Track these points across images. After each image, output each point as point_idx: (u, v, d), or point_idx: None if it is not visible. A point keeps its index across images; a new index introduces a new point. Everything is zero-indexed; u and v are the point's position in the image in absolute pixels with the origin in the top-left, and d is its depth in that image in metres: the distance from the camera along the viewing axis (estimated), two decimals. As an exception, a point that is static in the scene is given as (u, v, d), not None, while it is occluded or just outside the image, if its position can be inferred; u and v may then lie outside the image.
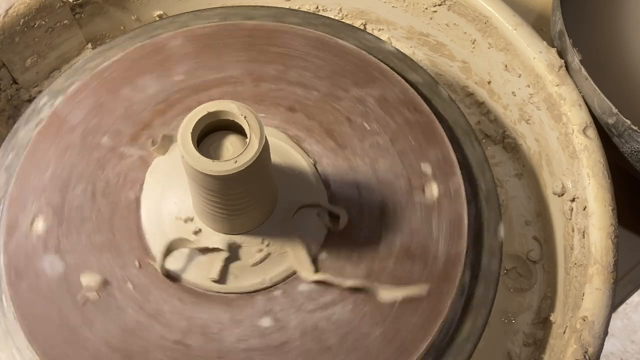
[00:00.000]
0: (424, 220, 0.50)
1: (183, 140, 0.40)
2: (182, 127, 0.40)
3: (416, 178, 0.51)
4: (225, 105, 0.41)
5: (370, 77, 0.55)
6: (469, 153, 0.56)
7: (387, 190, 0.50)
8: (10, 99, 0.63)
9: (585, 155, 0.54)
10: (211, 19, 0.59)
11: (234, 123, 0.41)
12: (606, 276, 0.50)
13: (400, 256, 0.48)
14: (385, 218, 0.49)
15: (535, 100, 0.60)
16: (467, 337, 0.49)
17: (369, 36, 0.60)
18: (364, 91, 0.54)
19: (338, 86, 0.54)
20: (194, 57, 0.55)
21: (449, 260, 0.48)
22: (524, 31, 0.60)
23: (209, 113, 0.41)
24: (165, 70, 0.54)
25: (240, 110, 0.41)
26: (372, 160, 0.51)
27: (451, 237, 0.49)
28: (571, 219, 0.56)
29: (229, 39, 0.56)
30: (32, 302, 0.46)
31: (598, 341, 0.48)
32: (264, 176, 0.44)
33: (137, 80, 0.54)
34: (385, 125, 0.53)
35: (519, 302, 0.57)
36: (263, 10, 0.60)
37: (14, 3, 0.59)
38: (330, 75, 0.55)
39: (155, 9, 0.67)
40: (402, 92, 0.54)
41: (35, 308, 0.46)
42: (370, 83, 0.55)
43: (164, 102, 0.53)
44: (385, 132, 0.53)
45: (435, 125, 0.53)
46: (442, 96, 0.57)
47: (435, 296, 0.47)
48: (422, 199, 0.50)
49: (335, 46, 0.56)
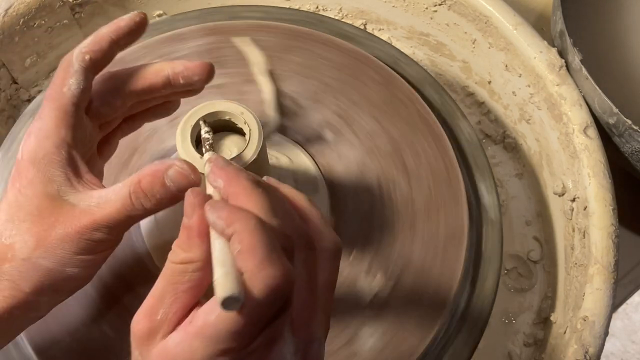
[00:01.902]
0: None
1: (182, 140, 0.40)
2: (180, 127, 0.40)
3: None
4: (223, 105, 0.41)
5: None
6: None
7: (387, 193, 0.50)
8: (10, 99, 0.63)
9: (586, 155, 0.54)
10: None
11: (233, 123, 0.41)
12: (607, 276, 0.50)
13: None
14: (386, 219, 0.49)
15: (536, 100, 0.60)
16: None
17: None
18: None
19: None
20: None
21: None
22: (525, 31, 0.60)
23: (208, 114, 0.41)
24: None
25: (239, 110, 0.41)
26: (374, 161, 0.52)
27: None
28: (572, 218, 0.56)
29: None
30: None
31: (598, 341, 0.48)
32: (261, 175, 0.44)
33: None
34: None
35: (519, 302, 0.57)
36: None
37: (14, 3, 0.59)
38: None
39: (155, 8, 0.67)
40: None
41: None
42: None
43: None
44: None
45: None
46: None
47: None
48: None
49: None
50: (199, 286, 0.32)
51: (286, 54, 0.55)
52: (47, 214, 0.35)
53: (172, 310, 0.31)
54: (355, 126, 0.53)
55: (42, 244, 0.35)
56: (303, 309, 0.32)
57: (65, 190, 0.36)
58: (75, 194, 0.36)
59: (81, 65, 0.38)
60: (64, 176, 0.36)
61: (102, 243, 0.36)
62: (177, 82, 0.40)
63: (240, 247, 0.29)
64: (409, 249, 0.48)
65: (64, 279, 0.36)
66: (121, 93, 0.40)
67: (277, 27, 0.57)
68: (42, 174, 0.36)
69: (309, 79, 0.54)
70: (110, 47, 0.39)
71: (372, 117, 0.53)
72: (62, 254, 0.35)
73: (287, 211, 0.33)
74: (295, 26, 0.57)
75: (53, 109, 0.37)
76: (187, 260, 0.31)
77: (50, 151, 0.36)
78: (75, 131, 0.37)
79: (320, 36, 0.57)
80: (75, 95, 0.37)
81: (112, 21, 0.40)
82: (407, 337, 0.46)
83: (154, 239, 0.47)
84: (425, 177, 0.51)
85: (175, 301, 0.31)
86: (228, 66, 0.54)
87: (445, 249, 0.49)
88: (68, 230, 0.35)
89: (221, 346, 0.30)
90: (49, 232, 0.35)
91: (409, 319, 0.46)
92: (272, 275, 0.29)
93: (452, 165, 0.52)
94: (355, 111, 0.53)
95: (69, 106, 0.37)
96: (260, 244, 0.29)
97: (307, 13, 0.61)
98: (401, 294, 0.47)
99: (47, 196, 0.35)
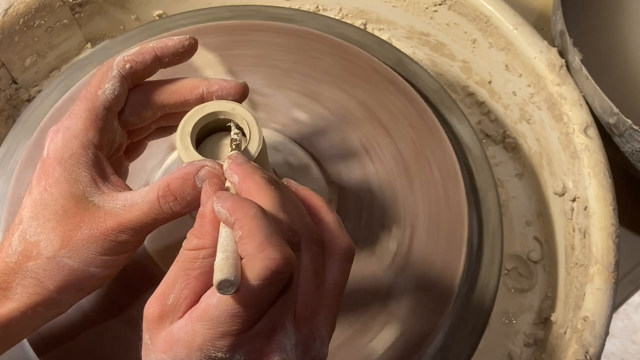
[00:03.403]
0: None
1: (182, 140, 0.40)
2: (181, 127, 0.40)
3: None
4: (223, 105, 0.41)
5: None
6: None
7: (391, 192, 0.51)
8: (10, 99, 0.63)
9: (586, 155, 0.54)
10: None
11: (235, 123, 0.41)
12: (607, 276, 0.50)
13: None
14: (386, 221, 0.49)
15: (536, 100, 0.60)
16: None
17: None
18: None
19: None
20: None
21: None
22: (525, 31, 0.59)
23: (208, 114, 0.40)
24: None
25: (239, 111, 0.41)
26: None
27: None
28: (572, 218, 0.56)
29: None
30: None
31: (599, 341, 0.48)
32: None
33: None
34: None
35: (519, 302, 0.57)
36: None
37: (14, 2, 0.59)
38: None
39: (155, 8, 0.67)
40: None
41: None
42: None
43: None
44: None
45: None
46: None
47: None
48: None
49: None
50: (210, 272, 0.32)
51: (237, 50, 0.56)
52: (72, 214, 0.36)
53: (182, 296, 0.32)
54: (324, 100, 0.54)
55: (67, 244, 0.36)
56: (307, 303, 0.33)
57: (90, 191, 0.36)
58: (101, 196, 0.36)
59: (120, 72, 0.39)
60: (90, 177, 0.37)
61: (127, 244, 0.37)
62: (210, 99, 0.40)
63: (240, 232, 0.30)
64: (412, 198, 0.50)
65: (87, 278, 0.37)
66: (152, 105, 0.40)
67: (220, 27, 0.57)
68: (69, 173, 0.36)
69: (265, 67, 0.55)
70: (152, 62, 0.40)
71: (337, 88, 0.54)
72: (87, 254, 0.36)
73: (298, 209, 0.34)
74: (238, 21, 0.58)
75: (85, 109, 0.38)
76: (199, 246, 0.32)
77: (78, 152, 0.37)
78: (103, 134, 0.38)
79: (263, 25, 0.57)
80: (109, 100, 0.38)
81: (162, 38, 0.40)
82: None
83: (155, 243, 0.47)
84: (404, 129, 0.53)
85: (186, 287, 0.32)
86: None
87: (446, 189, 0.51)
88: (93, 232, 0.36)
89: (221, 329, 0.30)
90: (75, 232, 0.36)
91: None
92: (270, 257, 0.30)
93: (426, 113, 0.54)
94: (318, 86, 0.54)
95: (101, 109, 0.38)
96: (259, 229, 0.30)
97: (243, 7, 0.61)
98: (419, 244, 0.49)
99: (73, 196, 0.36)
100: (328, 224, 0.35)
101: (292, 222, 0.32)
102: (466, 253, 0.49)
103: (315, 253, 0.33)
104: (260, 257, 0.30)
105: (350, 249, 0.35)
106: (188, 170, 0.36)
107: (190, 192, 0.36)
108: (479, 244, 0.52)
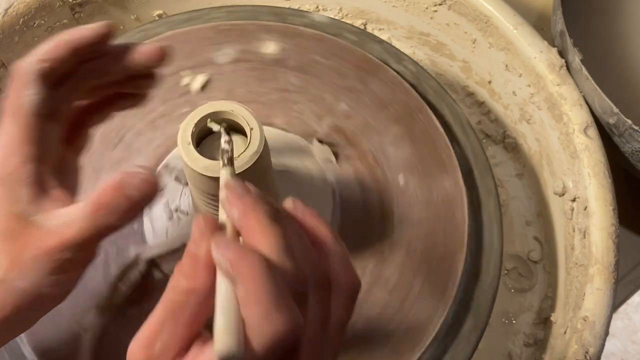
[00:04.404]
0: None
1: (182, 141, 0.40)
2: (182, 128, 0.40)
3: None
4: (224, 106, 0.41)
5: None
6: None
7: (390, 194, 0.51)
8: (10, 99, 0.63)
9: (586, 155, 0.54)
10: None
11: (235, 124, 0.41)
12: (607, 276, 0.50)
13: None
14: (383, 222, 0.49)
15: (536, 100, 0.60)
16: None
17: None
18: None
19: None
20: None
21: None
22: (525, 31, 0.59)
23: (208, 114, 0.40)
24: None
25: (240, 111, 0.40)
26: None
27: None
28: (572, 218, 0.56)
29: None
30: None
31: (599, 341, 0.48)
32: (265, 179, 0.44)
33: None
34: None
35: (519, 302, 0.57)
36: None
37: (14, 2, 0.59)
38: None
39: (155, 8, 0.67)
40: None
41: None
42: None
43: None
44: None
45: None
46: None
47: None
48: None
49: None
50: (201, 317, 0.30)
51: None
52: (17, 235, 0.34)
53: (171, 344, 0.30)
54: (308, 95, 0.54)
55: (16, 266, 0.33)
56: (311, 352, 0.31)
57: (31, 210, 0.34)
58: (42, 214, 0.34)
59: (38, 74, 0.35)
60: (30, 195, 0.34)
61: (74, 261, 0.34)
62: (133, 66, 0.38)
63: (245, 294, 0.28)
64: (411, 198, 0.51)
65: (40, 298, 0.34)
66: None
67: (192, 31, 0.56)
68: (10, 192, 0.34)
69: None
70: (70, 56, 0.36)
71: (299, 77, 0.55)
72: (36, 275, 0.34)
73: (304, 247, 0.32)
74: (211, 24, 0.57)
75: (13, 123, 0.35)
76: (190, 289, 0.30)
77: (16, 169, 0.34)
78: (40, 144, 0.35)
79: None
80: (35, 106, 0.35)
81: (74, 28, 0.37)
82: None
83: (153, 249, 0.47)
84: (404, 129, 0.53)
85: (174, 334, 0.30)
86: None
87: (445, 189, 0.51)
88: (38, 252, 0.33)
89: None
90: (22, 254, 0.33)
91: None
92: (278, 326, 0.28)
93: (423, 112, 0.54)
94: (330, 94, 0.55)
95: (31, 118, 0.35)
96: (266, 293, 0.28)
97: (242, 7, 0.61)
98: (418, 244, 0.49)
99: (16, 216, 0.34)
100: (334, 259, 0.33)
101: (298, 269, 0.30)
102: (466, 253, 0.49)
103: (321, 297, 0.31)
104: (267, 326, 0.28)
105: (355, 285, 0.33)
106: (115, 181, 0.33)
107: (123, 202, 0.33)
108: (479, 244, 0.52)
